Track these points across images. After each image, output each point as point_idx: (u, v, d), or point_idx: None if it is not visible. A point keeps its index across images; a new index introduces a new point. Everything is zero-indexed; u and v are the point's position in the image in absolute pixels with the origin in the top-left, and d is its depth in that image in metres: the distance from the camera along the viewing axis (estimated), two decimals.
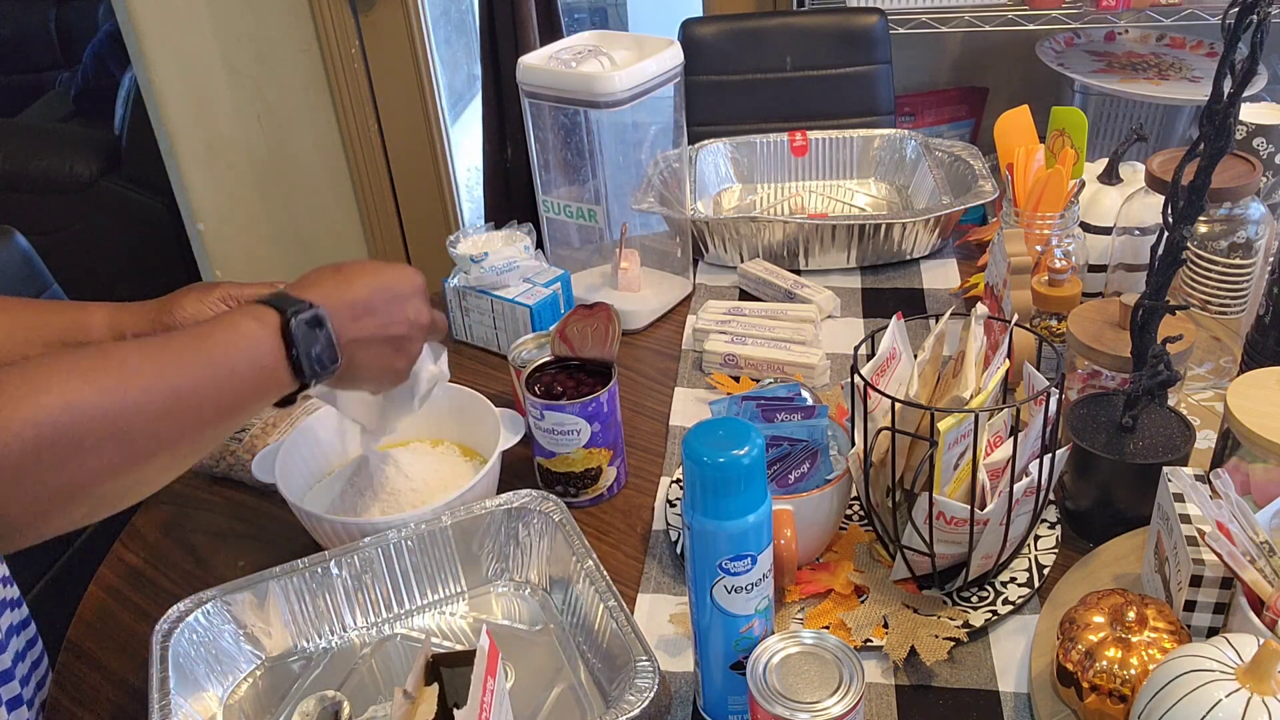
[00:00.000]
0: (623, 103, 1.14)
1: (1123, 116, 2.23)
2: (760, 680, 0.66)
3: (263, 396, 0.69)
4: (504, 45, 2.13)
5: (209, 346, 0.66)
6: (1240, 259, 1.08)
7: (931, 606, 0.83)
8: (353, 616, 0.87)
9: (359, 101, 2.36)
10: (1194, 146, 0.80)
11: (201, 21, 2.25)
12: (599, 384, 0.96)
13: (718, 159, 1.56)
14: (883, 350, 0.84)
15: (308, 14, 2.26)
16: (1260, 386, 0.83)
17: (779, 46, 1.94)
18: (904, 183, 1.53)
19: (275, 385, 0.69)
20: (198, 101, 2.33)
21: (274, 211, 2.48)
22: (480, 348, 1.27)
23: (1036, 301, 1.10)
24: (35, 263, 1.25)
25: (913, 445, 0.81)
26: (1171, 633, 0.70)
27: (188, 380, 0.63)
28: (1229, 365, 1.07)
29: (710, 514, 0.67)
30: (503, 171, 2.28)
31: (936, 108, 2.42)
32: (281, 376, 0.69)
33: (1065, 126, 1.24)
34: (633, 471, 1.04)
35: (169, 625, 0.79)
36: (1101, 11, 2.01)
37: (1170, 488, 0.78)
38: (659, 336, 1.27)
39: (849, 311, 1.29)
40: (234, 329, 0.67)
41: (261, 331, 0.68)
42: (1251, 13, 0.73)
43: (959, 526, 0.78)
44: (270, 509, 1.02)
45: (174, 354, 0.64)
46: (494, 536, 0.89)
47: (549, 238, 1.31)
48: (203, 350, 0.65)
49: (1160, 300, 0.84)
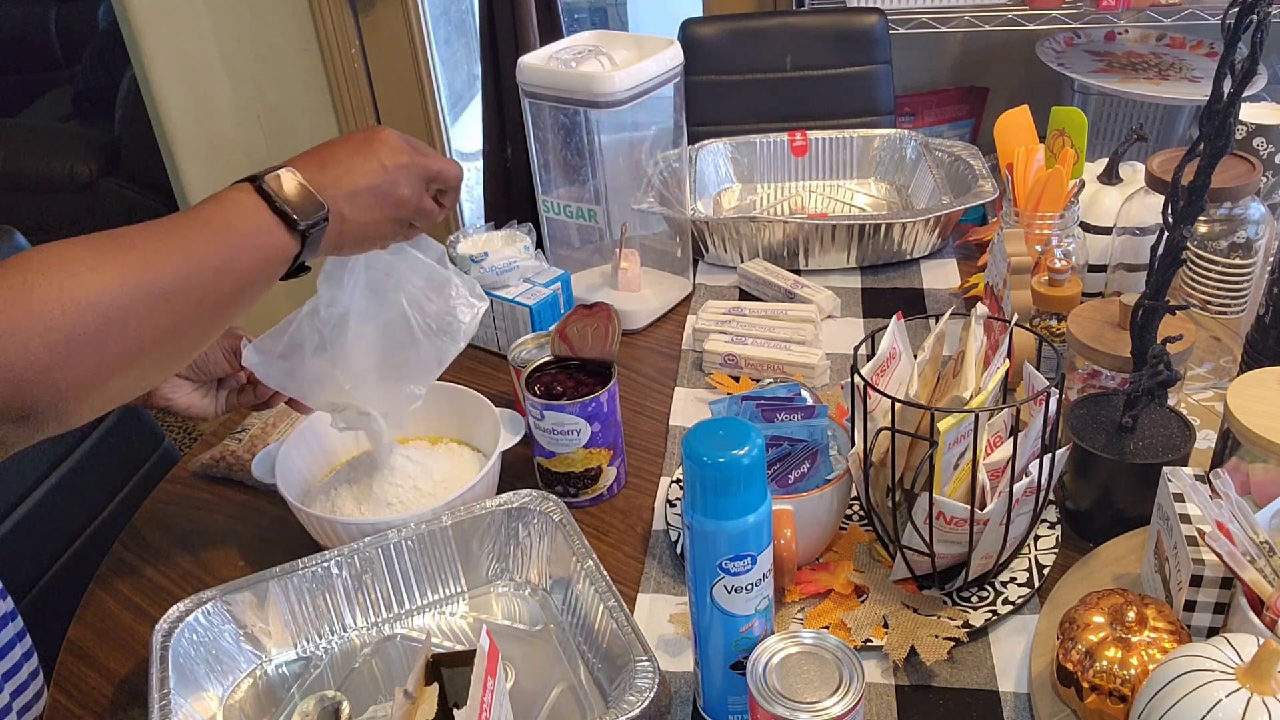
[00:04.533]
0: (623, 103, 1.14)
1: (1123, 116, 2.23)
2: (760, 680, 0.66)
3: (269, 261, 0.71)
4: (504, 45, 2.13)
5: (208, 220, 0.68)
6: (1240, 259, 1.08)
7: (931, 606, 0.83)
8: (353, 616, 0.87)
9: (359, 101, 2.36)
10: (1194, 146, 0.80)
11: (201, 21, 2.25)
12: (599, 384, 0.96)
13: (718, 159, 1.56)
14: (883, 350, 0.84)
15: (308, 14, 2.26)
16: (1260, 386, 0.83)
17: (779, 46, 1.94)
18: (904, 183, 1.53)
19: (275, 244, 0.71)
20: (198, 101, 2.33)
21: None
22: (480, 348, 1.27)
23: (1036, 301, 1.10)
24: None
25: (913, 445, 0.81)
26: (1171, 633, 0.70)
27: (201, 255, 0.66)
28: (1229, 365, 1.07)
29: (710, 514, 0.67)
30: (503, 171, 2.28)
31: (936, 108, 2.42)
32: (278, 234, 0.70)
33: (1065, 126, 1.24)
34: (633, 471, 1.04)
35: (169, 625, 0.79)
36: (1101, 11, 2.01)
37: (1170, 488, 0.78)
38: (659, 336, 1.27)
39: (849, 311, 1.29)
40: (221, 201, 0.70)
41: (242, 195, 0.70)
42: (1251, 13, 0.73)
43: (959, 526, 0.78)
44: (270, 509, 1.02)
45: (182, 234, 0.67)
46: (494, 536, 0.89)
47: (549, 238, 1.31)
48: (203, 225, 0.68)
49: (1160, 300, 0.84)
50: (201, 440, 1.14)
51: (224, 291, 0.68)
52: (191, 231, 0.67)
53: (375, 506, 0.93)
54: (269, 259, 0.71)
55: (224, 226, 0.68)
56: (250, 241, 0.69)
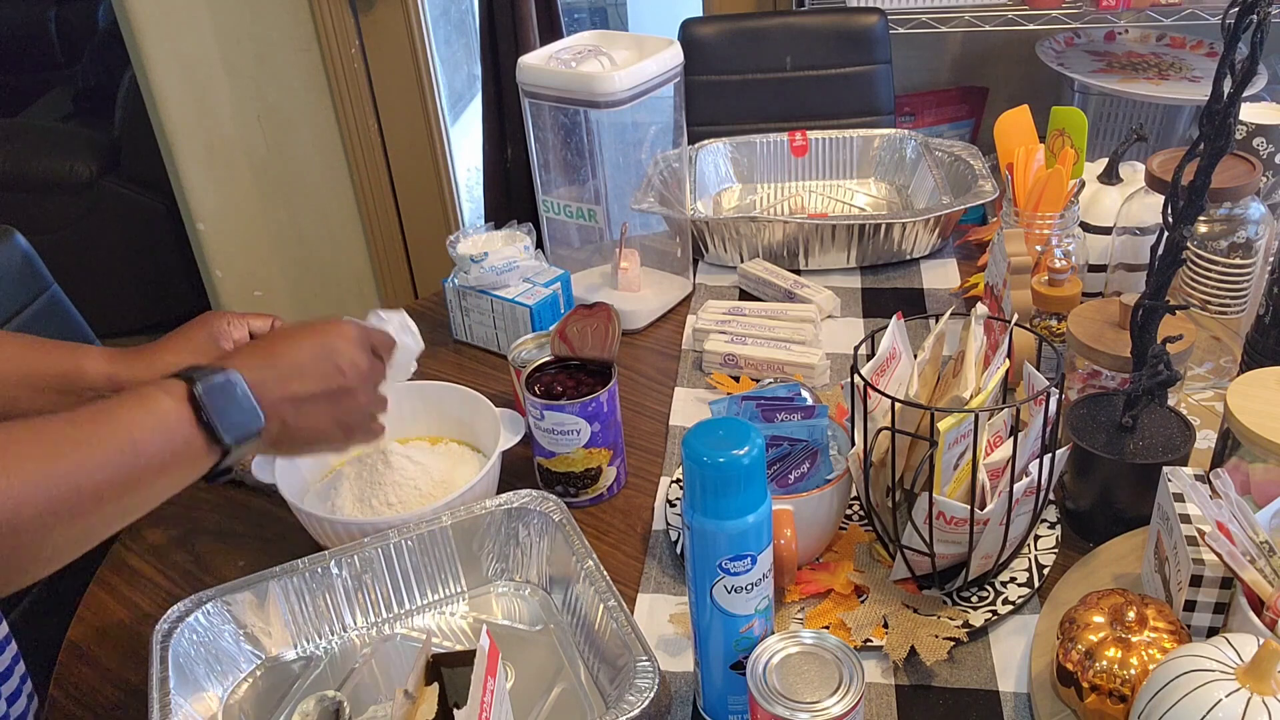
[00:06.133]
0: (623, 103, 1.14)
1: (1123, 116, 2.23)
2: (760, 680, 0.66)
3: (176, 469, 0.67)
4: (504, 45, 2.13)
5: (112, 424, 0.64)
6: (1240, 259, 1.08)
7: (931, 606, 0.83)
8: (353, 616, 0.87)
9: (359, 101, 2.36)
10: (1194, 146, 0.80)
11: (201, 21, 2.25)
12: (599, 384, 0.96)
13: (718, 159, 1.56)
14: (883, 350, 0.84)
15: (308, 14, 2.26)
16: (1260, 386, 0.83)
17: (779, 46, 1.94)
18: (904, 183, 1.53)
19: (191, 456, 0.67)
20: (198, 101, 2.33)
21: (274, 211, 2.48)
22: (480, 348, 1.27)
23: (1036, 301, 1.10)
24: (35, 263, 1.25)
25: (913, 445, 0.81)
26: (1171, 633, 0.70)
27: (86, 464, 0.61)
28: (1229, 365, 1.07)
29: (710, 514, 0.67)
30: (503, 171, 2.28)
31: (936, 108, 2.42)
32: (197, 446, 0.66)
33: (1065, 126, 1.24)
34: (633, 471, 1.04)
35: (169, 625, 0.79)
36: (1101, 11, 2.01)
37: (1170, 488, 0.78)
38: (659, 336, 1.27)
39: (849, 311, 1.29)
40: (140, 402, 0.65)
41: (168, 401, 0.66)
42: (1251, 13, 0.73)
43: (959, 526, 0.78)
44: (270, 509, 1.02)
45: (72, 437, 0.62)
46: (494, 536, 0.89)
47: (549, 238, 1.31)
48: (105, 429, 0.63)
49: (1160, 300, 0.84)
50: None
51: (128, 496, 0.64)
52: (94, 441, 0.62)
53: (375, 506, 0.93)
54: (182, 469, 0.67)
55: (130, 442, 0.63)
56: (161, 455, 0.65)
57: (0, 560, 0.59)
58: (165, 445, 0.65)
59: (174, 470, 0.66)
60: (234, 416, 0.68)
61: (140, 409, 0.65)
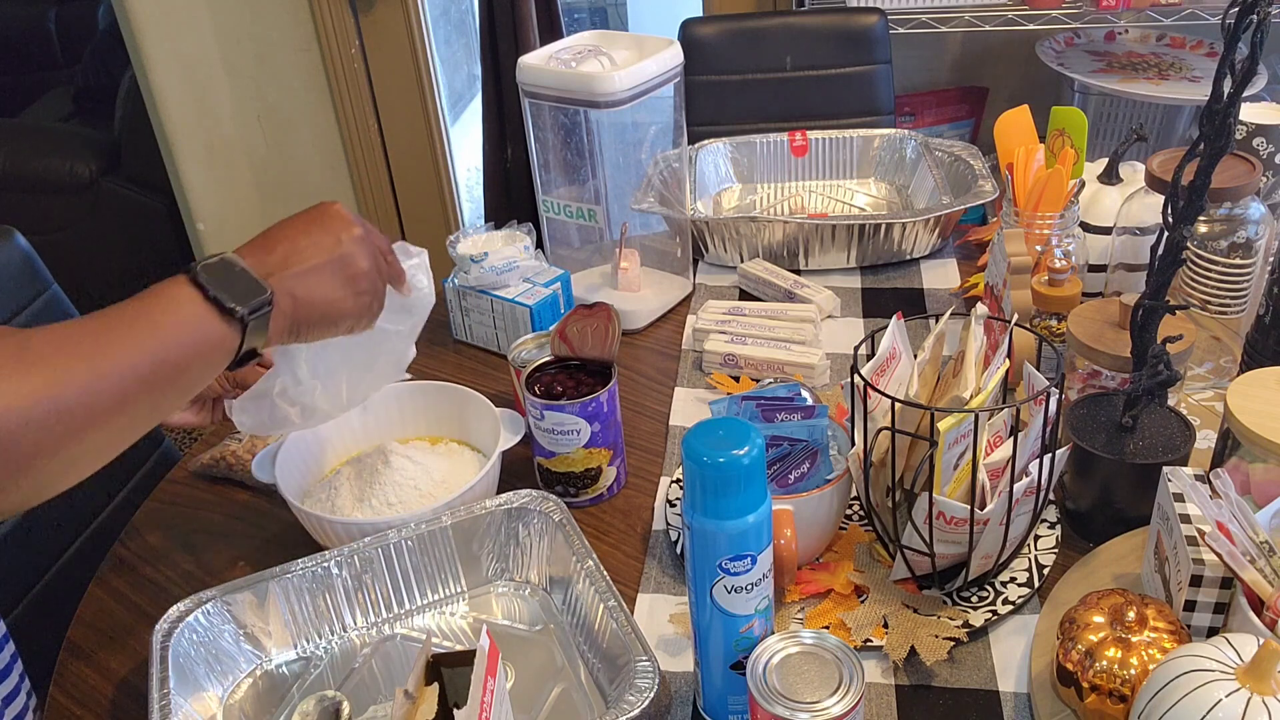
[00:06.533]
0: (623, 103, 1.14)
1: (1123, 116, 2.23)
2: (760, 680, 0.66)
3: (203, 354, 0.68)
4: (504, 45, 2.13)
5: (133, 320, 0.65)
6: (1240, 259, 1.08)
7: (931, 606, 0.83)
8: (353, 616, 0.87)
9: (359, 101, 2.36)
10: (1194, 146, 0.80)
11: (201, 21, 2.25)
12: (599, 384, 0.96)
13: (718, 159, 1.56)
14: (883, 350, 0.84)
15: (308, 14, 2.26)
16: (1260, 386, 0.83)
17: (779, 46, 1.94)
18: (904, 183, 1.53)
19: (212, 338, 0.68)
20: (198, 101, 2.33)
21: (274, 211, 2.48)
22: (480, 348, 1.27)
23: (1036, 301, 1.10)
24: (35, 263, 1.25)
25: (913, 445, 0.81)
26: (1171, 633, 0.70)
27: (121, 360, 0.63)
28: (1229, 365, 1.07)
29: (710, 514, 0.67)
30: (503, 171, 2.28)
31: (936, 108, 2.42)
32: (213, 324, 0.68)
33: (1065, 126, 1.24)
34: (633, 471, 1.04)
35: (169, 625, 0.79)
36: (1101, 11, 2.01)
37: (1170, 488, 0.78)
38: (659, 336, 1.27)
39: (849, 311, 1.29)
40: (149, 297, 0.67)
41: (173, 288, 0.68)
42: (1251, 13, 0.73)
43: (959, 526, 0.78)
44: (270, 509, 1.02)
45: (102, 337, 0.64)
46: (494, 536, 0.89)
47: (549, 238, 1.31)
48: (128, 325, 0.65)
49: (1160, 300, 0.84)
50: (201, 440, 1.14)
51: (157, 388, 0.65)
52: (112, 335, 0.64)
53: (375, 506, 0.93)
54: (204, 352, 0.68)
55: (150, 326, 0.65)
56: (179, 336, 0.66)
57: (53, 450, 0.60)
58: (182, 324, 0.67)
59: (196, 351, 0.67)
60: (238, 287, 0.69)
61: (150, 299, 0.67)
